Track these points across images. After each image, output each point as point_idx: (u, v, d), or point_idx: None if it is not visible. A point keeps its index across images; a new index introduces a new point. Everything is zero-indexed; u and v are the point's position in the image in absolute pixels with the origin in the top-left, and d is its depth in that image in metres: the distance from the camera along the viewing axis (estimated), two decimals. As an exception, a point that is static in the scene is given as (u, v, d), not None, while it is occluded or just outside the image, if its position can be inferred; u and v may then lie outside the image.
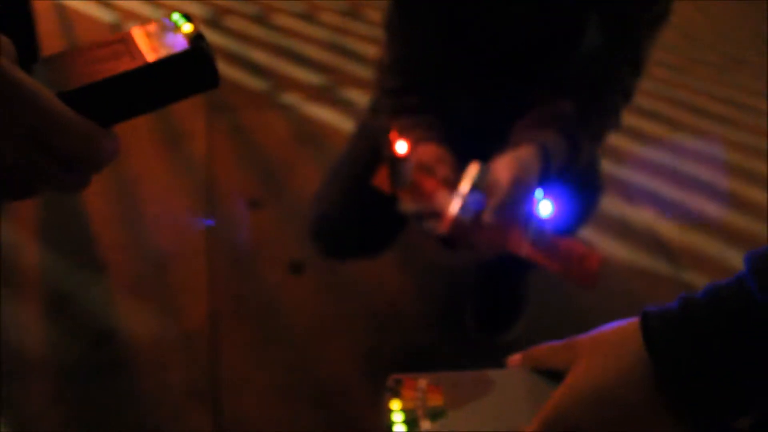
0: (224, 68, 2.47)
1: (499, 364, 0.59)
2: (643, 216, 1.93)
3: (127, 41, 0.42)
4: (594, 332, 0.53)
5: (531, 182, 0.93)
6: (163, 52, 0.41)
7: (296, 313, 1.52)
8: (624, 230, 1.85)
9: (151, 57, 0.40)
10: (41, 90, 0.37)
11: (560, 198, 0.88)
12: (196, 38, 0.41)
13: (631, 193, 2.00)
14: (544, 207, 0.88)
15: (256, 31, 2.79)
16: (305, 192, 1.83)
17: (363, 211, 1.21)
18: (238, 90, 2.33)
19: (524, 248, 0.91)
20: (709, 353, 0.45)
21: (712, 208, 2.00)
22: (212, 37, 2.70)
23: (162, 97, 0.42)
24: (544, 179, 0.96)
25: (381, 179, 0.99)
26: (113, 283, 1.56)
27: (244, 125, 2.15)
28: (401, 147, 0.93)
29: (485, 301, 1.51)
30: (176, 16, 0.42)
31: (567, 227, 0.93)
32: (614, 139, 2.18)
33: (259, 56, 2.58)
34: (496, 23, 1.07)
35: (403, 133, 0.98)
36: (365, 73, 2.47)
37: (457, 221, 0.90)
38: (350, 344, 1.47)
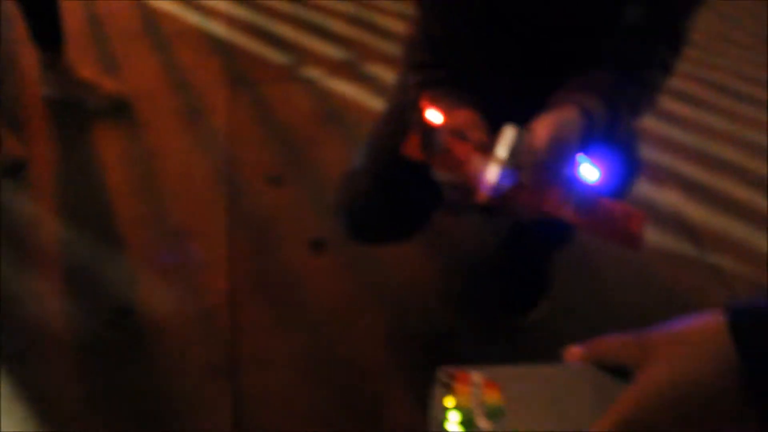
0: (246, 41, 2.44)
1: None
2: (669, 197, 1.89)
3: None
4: (667, 328, 0.48)
5: (571, 142, 0.89)
6: None
7: (317, 291, 1.51)
8: (650, 212, 1.82)
9: None
10: None
11: (605, 161, 0.84)
12: None
13: (656, 174, 1.96)
14: (588, 171, 0.83)
15: (277, 3, 2.76)
16: (327, 169, 1.82)
17: (395, 194, 1.19)
18: (259, 63, 2.31)
19: (564, 211, 0.87)
20: None
21: (739, 191, 1.96)
22: (234, 9, 2.68)
23: None
24: (585, 144, 0.92)
25: (412, 147, 0.94)
26: (133, 259, 1.56)
27: (265, 99, 2.13)
28: (434, 116, 0.89)
29: (509, 282, 1.49)
30: None
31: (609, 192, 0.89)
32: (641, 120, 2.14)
33: (282, 29, 2.55)
34: None
35: (434, 102, 0.95)
36: (389, 48, 2.44)
37: (494, 188, 0.87)
38: (371, 324, 1.45)
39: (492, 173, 0.87)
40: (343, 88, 2.20)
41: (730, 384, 0.42)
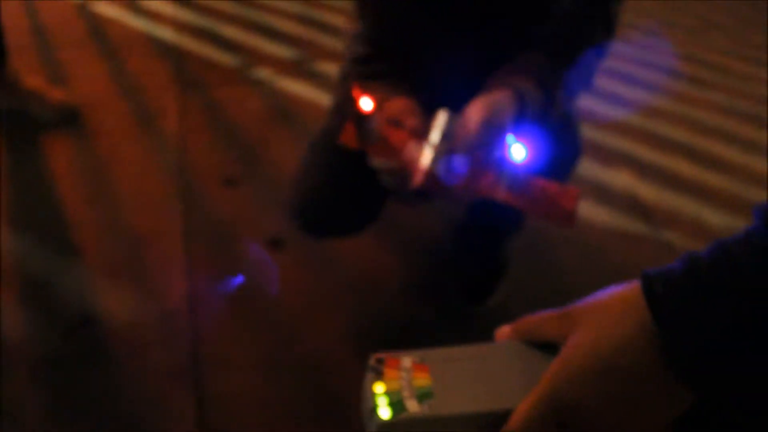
0: (194, 45, 2.43)
1: (486, 333, 0.56)
2: (621, 179, 1.93)
3: None
4: (590, 299, 0.49)
5: (504, 124, 0.91)
6: None
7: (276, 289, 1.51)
8: (602, 193, 1.86)
9: None
10: None
11: (534, 142, 0.86)
12: None
13: (607, 157, 2.00)
14: (517, 151, 0.86)
15: (225, 5, 2.75)
16: (281, 168, 1.82)
17: (343, 187, 1.20)
18: (209, 67, 2.30)
19: (498, 192, 0.89)
20: (719, 317, 0.41)
21: (688, 169, 2.01)
22: (181, 13, 2.66)
23: None
24: (519, 125, 0.94)
25: (348, 136, 0.96)
26: (89, 267, 1.54)
27: (216, 102, 2.12)
28: (366, 104, 0.91)
29: (466, 269, 1.50)
30: None
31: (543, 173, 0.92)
32: (590, 103, 2.18)
33: (229, 31, 2.55)
34: None
35: (367, 90, 0.96)
36: (339, 45, 2.44)
37: (428, 173, 0.89)
38: (332, 318, 1.46)
39: (426, 158, 0.89)
40: (294, 87, 2.20)
41: (649, 349, 0.43)
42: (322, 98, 2.12)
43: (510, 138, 0.87)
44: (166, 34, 2.49)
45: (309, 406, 1.29)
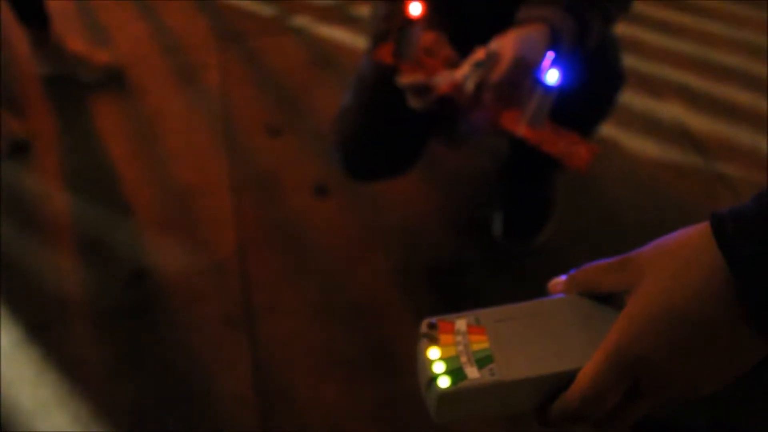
0: (232, -4, 2.42)
1: (537, 272, 0.52)
2: (670, 109, 1.87)
3: None
4: (653, 245, 0.44)
5: (535, 62, 0.90)
6: None
7: (324, 235, 1.53)
8: (651, 125, 1.81)
9: None
10: None
11: (564, 74, 0.85)
12: None
13: (655, 87, 1.94)
14: (552, 74, 0.86)
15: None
16: (324, 115, 1.82)
17: (384, 126, 1.20)
18: (247, 17, 2.29)
19: (519, 128, 0.91)
20: None
21: (741, 96, 1.94)
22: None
23: None
24: (554, 60, 0.93)
25: (384, 53, 0.98)
26: (141, 222, 1.58)
27: (257, 52, 2.12)
28: (415, 8, 0.90)
29: (512, 208, 1.49)
30: None
31: (583, 112, 0.92)
32: (636, 32, 2.11)
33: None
34: None
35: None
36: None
37: (458, 86, 0.91)
38: (379, 261, 1.47)
39: (460, 73, 0.92)
40: (333, 33, 2.18)
41: (724, 296, 0.41)
42: (362, 43, 2.10)
43: (549, 56, 0.88)
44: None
45: (358, 347, 1.32)
